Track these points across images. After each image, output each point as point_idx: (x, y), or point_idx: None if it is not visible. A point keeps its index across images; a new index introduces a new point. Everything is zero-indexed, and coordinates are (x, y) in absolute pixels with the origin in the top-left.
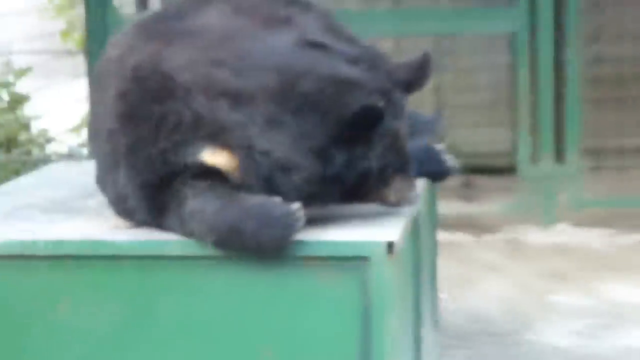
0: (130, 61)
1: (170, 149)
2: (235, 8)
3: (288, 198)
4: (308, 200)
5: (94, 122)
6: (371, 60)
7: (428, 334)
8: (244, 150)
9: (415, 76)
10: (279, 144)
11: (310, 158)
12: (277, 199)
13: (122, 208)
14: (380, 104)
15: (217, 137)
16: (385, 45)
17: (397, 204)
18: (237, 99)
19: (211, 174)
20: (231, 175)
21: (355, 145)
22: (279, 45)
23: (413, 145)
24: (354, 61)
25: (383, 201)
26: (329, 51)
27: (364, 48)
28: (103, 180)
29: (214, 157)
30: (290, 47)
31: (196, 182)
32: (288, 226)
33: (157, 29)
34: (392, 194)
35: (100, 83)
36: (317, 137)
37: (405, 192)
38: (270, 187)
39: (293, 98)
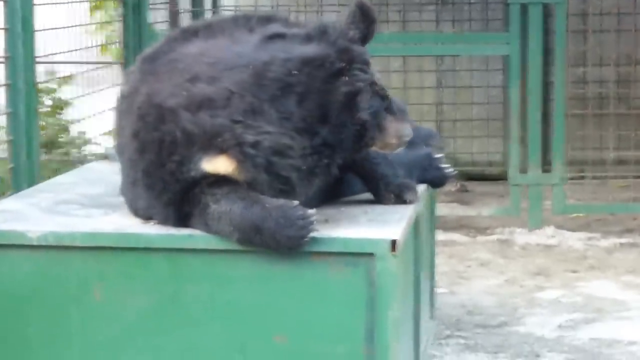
0: (136, 101)
1: (175, 168)
2: (209, 34)
3: (294, 178)
4: (313, 173)
5: (119, 141)
6: (321, 33)
7: (426, 323)
8: (236, 149)
9: (365, 29)
10: (264, 132)
11: (297, 136)
12: (296, 202)
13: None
14: (358, 85)
15: (209, 146)
16: (393, 64)
17: (398, 145)
18: (214, 104)
19: (225, 180)
20: (236, 177)
21: (343, 117)
22: (244, 46)
23: (414, 154)
24: (307, 39)
25: (386, 147)
26: (285, 38)
27: (313, 27)
28: (126, 194)
29: (213, 165)
30: (254, 44)
31: (214, 189)
32: (303, 228)
33: (151, 66)
34: (391, 137)
35: (120, 114)
36: (296, 116)
37: (401, 132)
38: (273, 175)
39: (265, 85)
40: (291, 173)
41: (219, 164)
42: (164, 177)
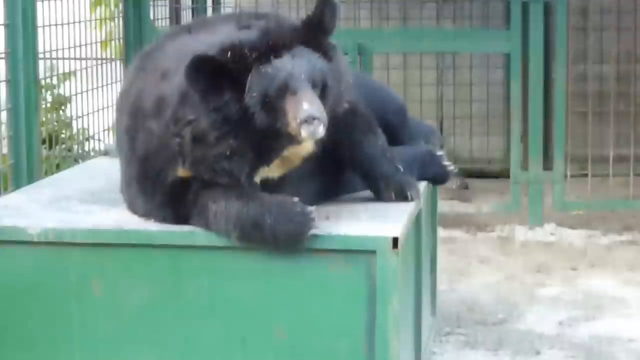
0: (130, 98)
1: (159, 176)
2: (199, 30)
3: (225, 167)
4: (236, 162)
5: (119, 137)
6: (266, 25)
7: (427, 320)
8: (180, 159)
9: (319, 19)
10: (186, 123)
11: (211, 114)
12: (295, 199)
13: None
14: (238, 65)
15: (168, 157)
16: (394, 61)
17: (298, 127)
18: (165, 104)
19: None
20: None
21: (220, 91)
22: (211, 39)
23: (415, 151)
24: (247, 27)
25: (295, 132)
26: (250, 29)
27: (272, 20)
28: (124, 193)
29: (183, 172)
30: (224, 32)
31: (210, 189)
32: (303, 224)
33: (143, 63)
34: (291, 121)
35: (120, 111)
36: (206, 94)
37: (297, 114)
38: (208, 167)
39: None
40: (222, 162)
41: (185, 171)
42: (151, 182)
